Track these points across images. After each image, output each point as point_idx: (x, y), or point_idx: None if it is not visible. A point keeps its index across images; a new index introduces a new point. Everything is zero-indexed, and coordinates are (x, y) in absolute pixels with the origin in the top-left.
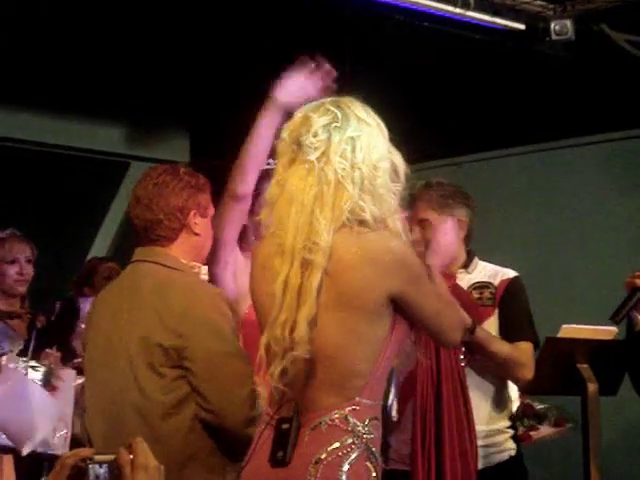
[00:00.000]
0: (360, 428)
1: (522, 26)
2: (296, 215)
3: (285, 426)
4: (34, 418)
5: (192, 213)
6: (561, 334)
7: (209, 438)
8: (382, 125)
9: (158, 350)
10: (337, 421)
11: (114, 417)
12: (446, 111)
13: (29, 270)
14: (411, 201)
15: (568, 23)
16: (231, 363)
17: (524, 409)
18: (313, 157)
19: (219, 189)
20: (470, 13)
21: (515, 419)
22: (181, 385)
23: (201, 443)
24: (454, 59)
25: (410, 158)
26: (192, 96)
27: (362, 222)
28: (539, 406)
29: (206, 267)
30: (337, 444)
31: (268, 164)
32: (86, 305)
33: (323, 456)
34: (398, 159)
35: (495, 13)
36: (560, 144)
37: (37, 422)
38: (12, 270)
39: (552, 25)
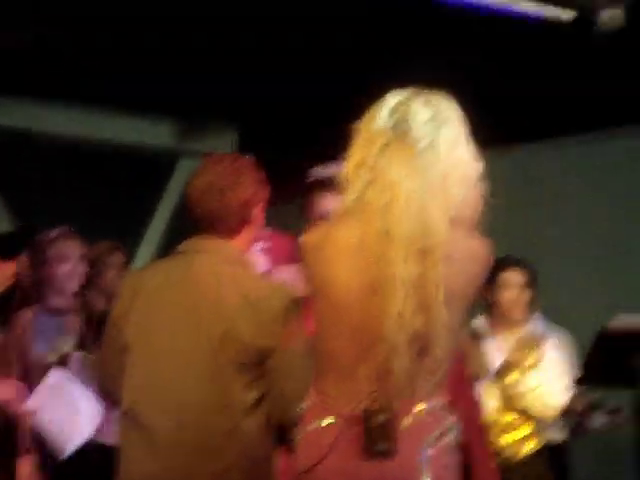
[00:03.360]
0: (450, 417)
1: (571, 15)
2: (405, 203)
3: (382, 417)
4: (78, 420)
5: (258, 207)
6: (614, 324)
7: (275, 439)
8: None
9: (248, 348)
10: (435, 410)
11: (188, 412)
12: (491, 101)
13: (81, 268)
14: None
15: (618, 12)
16: (307, 362)
17: (576, 399)
18: (422, 145)
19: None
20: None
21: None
22: (261, 384)
23: (271, 443)
24: (499, 50)
25: None
26: (240, 90)
27: (456, 220)
28: (592, 395)
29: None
30: (438, 432)
31: (311, 175)
32: None
33: (431, 444)
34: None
35: (543, 1)
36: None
37: (80, 424)
38: (64, 268)
39: (602, 14)
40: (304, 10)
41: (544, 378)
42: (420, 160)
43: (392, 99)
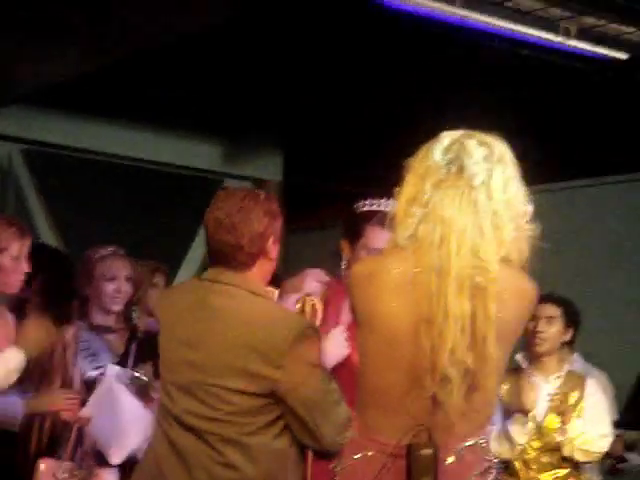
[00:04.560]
0: (492, 456)
1: (624, 56)
2: (456, 239)
3: (426, 452)
4: (125, 427)
5: (271, 240)
6: None
7: (295, 456)
8: None
9: (256, 379)
10: (477, 448)
11: (198, 432)
12: (544, 138)
13: (127, 288)
14: None
15: None
16: (330, 392)
17: (614, 442)
18: (476, 183)
19: (311, 209)
20: (571, 42)
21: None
22: (271, 410)
23: (291, 461)
24: (553, 88)
25: None
26: (287, 114)
27: (505, 259)
28: (629, 436)
29: (276, 291)
30: (480, 470)
31: (371, 204)
32: None
33: None
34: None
35: (597, 42)
36: None
37: (128, 432)
38: (110, 287)
39: None
40: (354, 38)
41: (586, 422)
42: (473, 198)
43: (446, 138)
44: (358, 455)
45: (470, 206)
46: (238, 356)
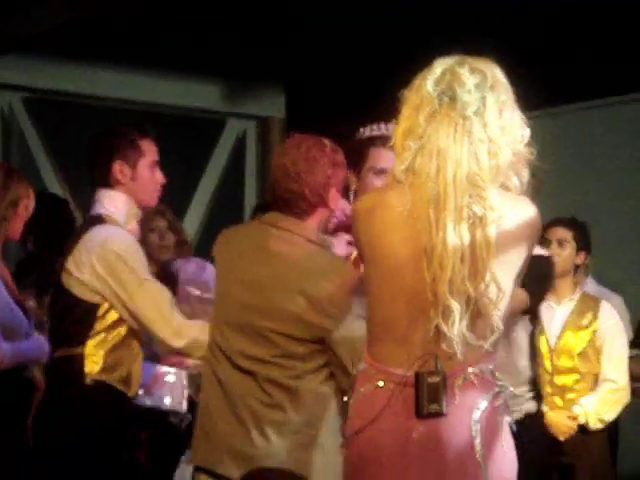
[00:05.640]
0: (501, 382)
1: None
2: (452, 169)
3: (433, 379)
4: None
5: (333, 190)
6: None
7: (337, 403)
8: None
9: (306, 325)
10: (485, 374)
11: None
12: (544, 60)
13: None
14: None
15: None
16: (360, 326)
17: (631, 363)
18: (469, 112)
19: None
20: None
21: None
22: (318, 356)
23: (328, 406)
24: (551, 8)
25: None
26: (288, 52)
27: (504, 186)
28: None
29: (333, 239)
30: (489, 395)
31: (372, 129)
32: (188, 265)
33: (482, 406)
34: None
35: None
36: None
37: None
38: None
39: None
40: None
41: (605, 351)
42: (467, 127)
43: (438, 67)
44: (368, 386)
45: (465, 136)
46: (291, 301)
